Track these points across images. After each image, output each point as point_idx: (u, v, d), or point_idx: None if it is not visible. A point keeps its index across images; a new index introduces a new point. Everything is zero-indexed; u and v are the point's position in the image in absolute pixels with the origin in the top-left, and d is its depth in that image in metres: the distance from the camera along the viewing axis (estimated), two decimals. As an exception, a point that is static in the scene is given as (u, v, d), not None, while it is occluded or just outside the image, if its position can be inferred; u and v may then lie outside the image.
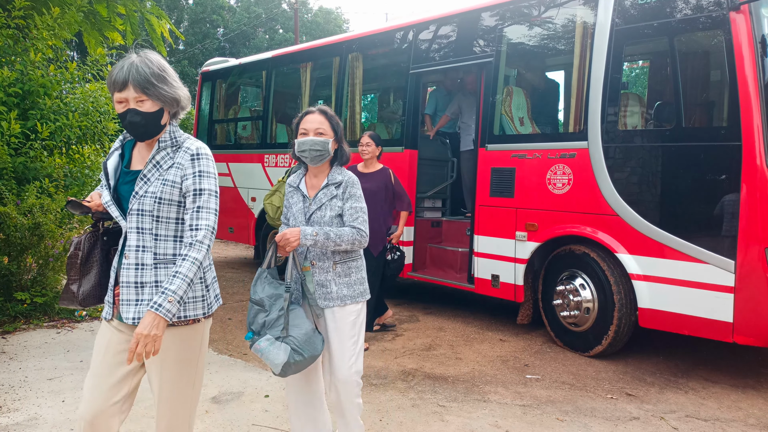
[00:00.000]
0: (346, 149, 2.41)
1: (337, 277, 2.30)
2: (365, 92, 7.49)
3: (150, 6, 8.22)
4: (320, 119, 2.32)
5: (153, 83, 1.72)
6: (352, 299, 2.32)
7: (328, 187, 2.32)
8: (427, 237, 5.70)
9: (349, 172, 2.38)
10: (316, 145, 2.27)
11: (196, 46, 29.53)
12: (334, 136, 2.34)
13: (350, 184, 2.33)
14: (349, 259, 2.34)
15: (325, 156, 2.31)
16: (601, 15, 4.04)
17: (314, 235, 2.20)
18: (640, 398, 3.41)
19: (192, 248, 1.71)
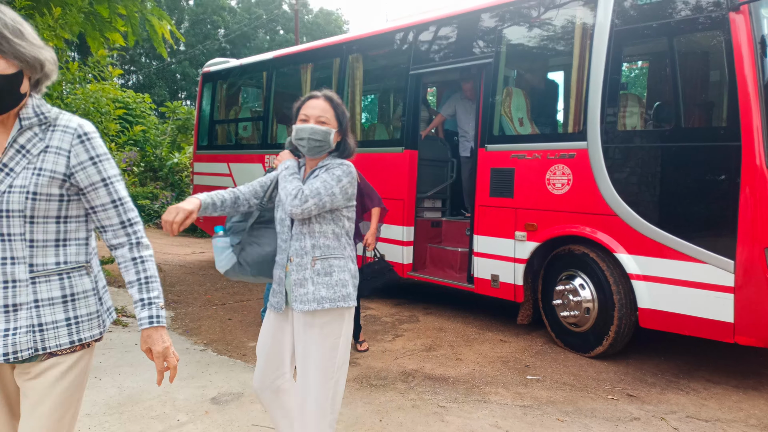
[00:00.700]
0: (351, 143, 2.15)
1: (315, 275, 2.01)
2: (365, 93, 7.49)
3: (151, 7, 8.22)
4: (324, 106, 2.07)
5: (6, 37, 1.31)
6: (332, 302, 1.99)
7: (315, 171, 2.08)
8: (427, 237, 5.71)
9: (347, 162, 2.11)
10: (316, 134, 2.02)
11: (197, 47, 29.57)
12: (338, 127, 2.08)
13: (336, 165, 2.05)
14: (330, 255, 2.04)
15: (325, 148, 2.06)
16: (600, 15, 4.04)
17: (285, 167, 2.08)
18: (641, 399, 3.41)
19: (141, 247, 1.49)
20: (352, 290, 2.07)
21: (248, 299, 5.91)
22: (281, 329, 2.12)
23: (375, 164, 5.75)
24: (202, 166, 8.03)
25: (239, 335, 4.59)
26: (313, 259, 2.02)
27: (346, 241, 2.11)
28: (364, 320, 5.14)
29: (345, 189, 2.02)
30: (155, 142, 14.72)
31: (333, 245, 2.06)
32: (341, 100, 2.14)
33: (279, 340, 2.13)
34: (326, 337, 2.01)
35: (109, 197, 1.45)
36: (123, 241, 1.48)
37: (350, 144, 2.15)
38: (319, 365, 2.00)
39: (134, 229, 1.49)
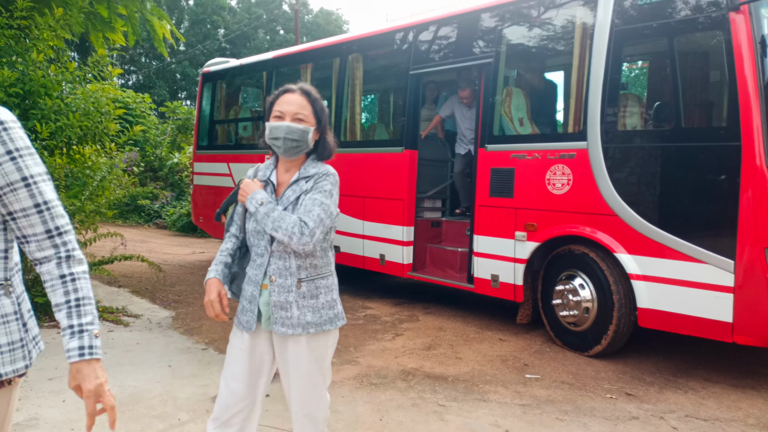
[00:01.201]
0: (331, 141, 1.96)
1: (300, 298, 1.85)
2: (365, 93, 7.49)
3: (150, 7, 8.23)
4: (301, 101, 1.87)
5: None
6: (317, 327, 1.86)
7: (298, 182, 1.88)
8: (427, 237, 5.71)
9: (329, 166, 1.94)
10: (292, 133, 1.83)
11: (196, 46, 29.57)
12: (317, 125, 1.90)
13: (322, 177, 1.87)
14: (317, 276, 1.89)
15: (303, 148, 1.88)
16: (600, 15, 4.05)
17: (259, 204, 1.82)
18: (639, 398, 3.41)
19: (72, 262, 1.24)
20: (341, 308, 1.97)
21: (248, 299, 5.91)
22: (253, 351, 1.93)
23: (375, 164, 5.76)
24: (202, 166, 8.04)
25: (239, 335, 4.59)
26: (298, 282, 1.85)
27: (332, 255, 1.98)
28: (364, 319, 5.15)
29: (336, 200, 1.89)
30: (155, 142, 14.73)
31: (320, 263, 1.90)
32: (319, 94, 1.95)
33: (253, 362, 1.93)
34: (312, 353, 1.89)
35: (31, 200, 1.19)
36: (50, 254, 1.22)
37: (329, 143, 1.96)
38: (307, 382, 1.90)
39: (64, 239, 1.23)
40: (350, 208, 5.99)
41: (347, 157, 6.11)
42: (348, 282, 6.82)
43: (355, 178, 5.95)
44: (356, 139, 6.13)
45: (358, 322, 5.05)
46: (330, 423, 2.96)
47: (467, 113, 5.81)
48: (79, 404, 3.14)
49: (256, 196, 1.85)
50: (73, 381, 1.24)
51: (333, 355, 2.01)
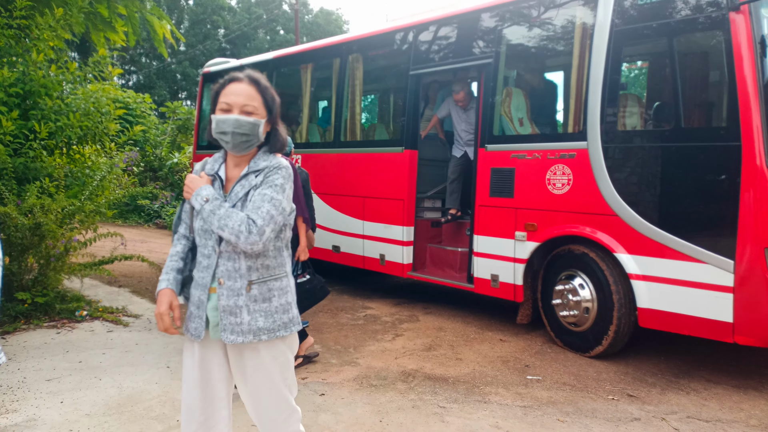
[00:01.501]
0: (282, 133, 1.83)
1: (251, 302, 1.72)
2: (365, 93, 7.49)
3: (150, 7, 8.23)
4: (250, 91, 1.73)
5: None
6: (270, 332, 1.72)
7: (248, 177, 1.76)
8: (426, 237, 5.70)
9: (281, 158, 1.80)
10: (241, 126, 1.70)
11: (197, 47, 29.58)
12: (268, 116, 1.77)
13: (273, 170, 1.74)
14: (269, 277, 1.75)
15: (254, 142, 1.75)
16: (600, 15, 4.04)
17: (204, 200, 1.70)
18: (641, 399, 3.40)
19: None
20: (296, 311, 1.83)
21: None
22: (205, 360, 1.80)
23: (375, 164, 5.76)
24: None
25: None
26: (248, 284, 1.72)
27: (286, 255, 1.84)
28: (364, 319, 5.14)
29: (289, 195, 1.76)
30: (155, 142, 14.72)
31: (273, 264, 1.77)
32: (269, 82, 1.80)
33: (205, 372, 1.80)
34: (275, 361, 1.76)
35: None
36: None
37: (281, 134, 1.83)
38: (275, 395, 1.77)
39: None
40: (350, 208, 5.98)
41: (347, 157, 6.10)
42: (348, 282, 6.81)
43: (355, 178, 5.94)
44: (356, 139, 6.12)
45: (358, 323, 5.04)
46: (330, 425, 2.96)
47: (463, 115, 5.75)
48: (78, 405, 3.13)
49: (201, 193, 1.72)
50: None
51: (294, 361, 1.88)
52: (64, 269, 5.01)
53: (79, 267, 5.11)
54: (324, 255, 6.26)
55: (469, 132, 5.64)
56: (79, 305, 5.00)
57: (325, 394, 3.36)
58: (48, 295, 4.85)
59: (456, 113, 5.81)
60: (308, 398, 3.30)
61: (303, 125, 6.76)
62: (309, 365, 3.89)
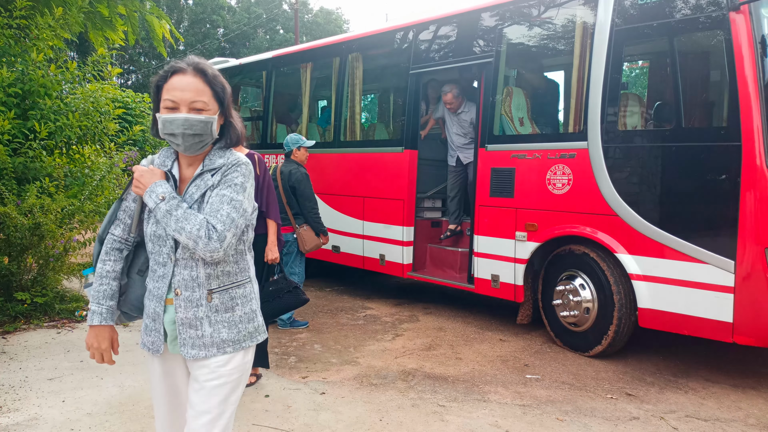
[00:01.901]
0: (238, 124, 1.64)
1: (213, 312, 1.56)
2: (365, 92, 7.49)
3: (150, 7, 8.23)
4: (197, 85, 1.53)
5: None
6: (236, 345, 1.58)
7: (203, 176, 1.58)
8: (427, 237, 5.71)
9: (239, 154, 1.63)
10: (192, 127, 1.51)
11: (196, 46, 29.56)
12: (220, 109, 1.58)
13: (232, 168, 1.57)
14: (231, 284, 1.60)
15: (207, 141, 1.56)
16: (601, 15, 4.05)
17: (160, 198, 1.51)
18: (640, 398, 3.41)
19: None
20: (261, 320, 1.68)
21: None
22: (171, 372, 1.65)
23: (375, 164, 5.76)
24: None
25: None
26: (209, 293, 1.56)
27: (249, 258, 1.69)
28: (364, 319, 5.14)
29: (250, 194, 1.60)
30: (155, 142, 14.71)
31: (234, 270, 1.60)
32: (216, 70, 1.59)
33: (174, 385, 1.67)
34: (231, 376, 1.59)
35: None
36: None
37: (237, 126, 1.63)
38: (218, 411, 1.58)
39: None
40: (350, 208, 5.99)
41: (347, 157, 6.10)
42: (348, 282, 6.82)
43: (355, 178, 5.94)
44: (356, 139, 6.12)
45: (358, 323, 5.04)
46: (330, 423, 2.96)
47: (454, 118, 5.59)
48: (79, 404, 3.13)
49: (156, 189, 1.52)
50: None
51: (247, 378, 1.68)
52: (63, 269, 5.01)
53: (79, 267, 5.11)
54: (324, 255, 6.26)
55: (460, 135, 5.52)
56: (78, 305, 5.01)
57: (326, 393, 3.37)
58: (47, 296, 4.85)
59: (447, 116, 5.67)
60: (308, 397, 3.30)
61: (303, 125, 6.76)
62: (309, 364, 3.89)
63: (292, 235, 4.78)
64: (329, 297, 6.07)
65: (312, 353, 4.14)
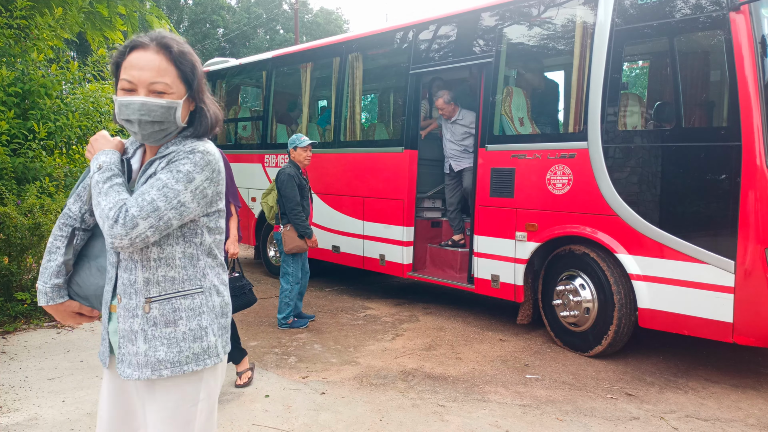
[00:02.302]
0: (211, 110, 1.44)
1: (149, 326, 1.34)
2: (365, 92, 7.49)
3: (150, 7, 8.23)
4: (159, 63, 1.32)
5: None
6: (174, 367, 1.34)
7: (152, 164, 1.37)
8: (427, 237, 5.71)
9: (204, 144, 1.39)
10: (151, 112, 1.31)
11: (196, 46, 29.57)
12: (187, 92, 1.37)
13: (184, 154, 1.34)
14: (175, 293, 1.36)
15: (170, 130, 1.36)
16: (601, 15, 4.05)
17: (97, 167, 1.33)
18: (639, 398, 3.41)
19: None
20: (216, 338, 1.41)
21: (248, 299, 5.91)
22: (123, 393, 1.45)
23: (375, 164, 5.76)
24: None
25: (240, 335, 4.59)
26: (146, 302, 1.34)
27: (207, 265, 1.41)
28: (364, 319, 5.14)
29: (202, 191, 1.35)
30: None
31: (182, 276, 1.37)
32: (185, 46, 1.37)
33: (125, 409, 1.46)
34: (176, 408, 1.36)
35: None
36: None
37: (210, 113, 1.42)
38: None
39: None
40: (350, 208, 5.99)
41: (347, 157, 6.10)
42: (348, 282, 6.82)
43: (355, 178, 5.94)
44: (356, 139, 6.12)
45: (358, 323, 5.04)
46: (330, 423, 2.96)
47: (448, 125, 5.51)
48: (79, 404, 3.13)
49: (99, 157, 1.34)
50: None
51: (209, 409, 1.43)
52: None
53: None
54: (324, 255, 6.26)
55: (452, 143, 5.46)
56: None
57: (326, 393, 3.37)
58: (48, 295, 4.84)
59: (443, 122, 5.62)
60: (308, 397, 3.30)
61: (303, 125, 6.76)
62: (309, 364, 3.89)
63: (279, 234, 4.80)
64: (329, 297, 6.07)
65: (312, 353, 4.14)
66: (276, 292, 6.11)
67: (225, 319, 1.45)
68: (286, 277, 4.81)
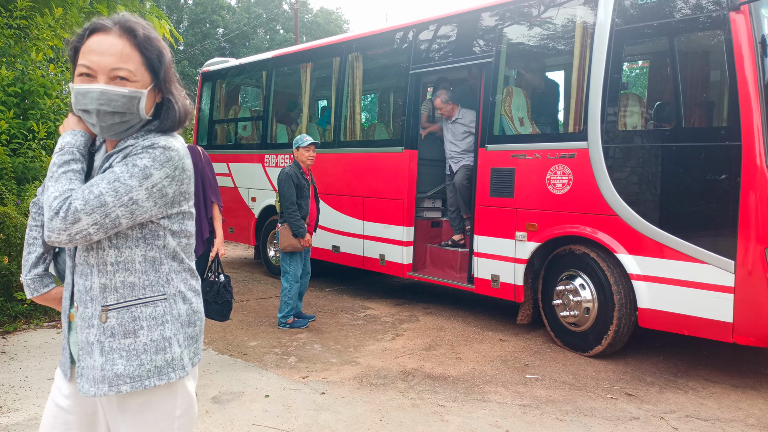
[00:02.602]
0: (180, 103, 1.30)
1: (107, 336, 1.22)
2: (365, 92, 7.49)
3: (150, 7, 8.23)
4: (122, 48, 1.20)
5: None
6: (134, 382, 1.22)
7: (110, 159, 1.24)
8: (427, 237, 5.71)
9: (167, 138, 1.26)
10: (111, 101, 1.19)
11: (196, 46, 29.57)
12: (153, 81, 1.25)
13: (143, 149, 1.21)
14: (135, 300, 1.24)
15: (133, 122, 1.24)
16: (601, 15, 4.05)
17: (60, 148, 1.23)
18: (639, 398, 3.41)
19: None
20: (181, 349, 1.28)
21: (248, 299, 5.91)
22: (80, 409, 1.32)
23: (375, 164, 5.76)
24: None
25: (239, 335, 4.59)
26: (103, 310, 1.22)
27: (171, 269, 1.29)
28: (364, 319, 5.15)
29: (161, 189, 1.22)
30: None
31: (142, 282, 1.25)
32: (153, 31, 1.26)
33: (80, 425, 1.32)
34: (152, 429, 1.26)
35: None
36: None
37: (178, 106, 1.29)
38: None
39: None
40: (350, 208, 5.99)
41: (347, 157, 6.10)
42: (348, 282, 6.82)
43: (355, 178, 5.94)
44: (356, 138, 6.12)
45: (358, 323, 5.04)
46: (330, 423, 2.96)
47: (448, 125, 5.50)
48: (79, 405, 3.13)
49: (64, 138, 1.25)
50: None
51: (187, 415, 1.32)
52: (63, 269, 5.01)
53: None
54: (324, 255, 6.27)
55: (452, 144, 5.45)
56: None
57: (326, 393, 3.37)
58: (48, 295, 4.84)
59: (443, 122, 5.60)
60: (308, 397, 3.30)
61: (303, 125, 6.76)
62: (309, 364, 3.89)
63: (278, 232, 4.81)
64: (329, 297, 6.07)
65: (312, 353, 4.14)
66: (276, 292, 6.11)
67: (193, 329, 1.32)
68: (286, 275, 4.82)
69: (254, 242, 7.24)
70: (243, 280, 6.89)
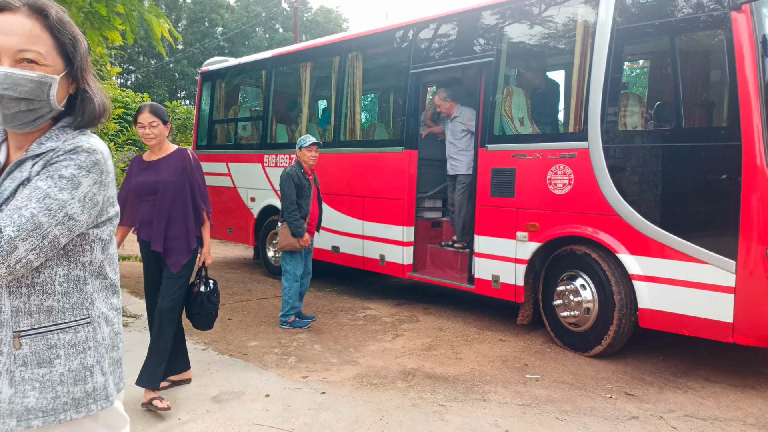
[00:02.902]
0: (96, 95, 1.19)
1: (19, 365, 1.10)
2: (365, 92, 7.49)
3: (148, 5, 8.21)
4: (31, 29, 1.09)
5: None
6: (47, 416, 1.11)
7: (24, 165, 1.12)
8: (427, 237, 5.70)
9: (88, 139, 1.15)
10: (16, 86, 1.06)
11: (195, 45, 29.55)
12: (66, 68, 1.14)
13: (64, 155, 1.10)
14: (53, 326, 1.12)
15: (42, 112, 1.12)
16: (602, 14, 4.05)
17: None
18: (639, 398, 3.41)
19: None
20: (105, 377, 1.18)
21: (248, 299, 5.91)
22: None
23: (375, 164, 5.75)
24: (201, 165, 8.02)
25: (240, 335, 4.59)
26: (15, 336, 1.09)
27: (95, 288, 1.18)
28: (364, 320, 5.14)
29: (92, 198, 1.12)
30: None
31: (62, 306, 1.13)
32: (66, 14, 1.15)
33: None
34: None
35: None
36: None
37: (95, 99, 1.18)
38: None
39: None
40: (350, 208, 5.98)
41: (347, 157, 6.10)
42: (348, 282, 6.81)
43: (355, 178, 5.94)
44: (356, 138, 6.12)
45: (358, 323, 5.04)
46: (330, 423, 2.96)
47: (448, 124, 5.45)
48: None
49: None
50: None
51: None
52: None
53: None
54: (323, 255, 6.26)
55: (451, 143, 5.40)
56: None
57: (326, 393, 3.37)
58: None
59: (444, 122, 5.54)
60: (308, 397, 3.30)
61: (302, 125, 6.76)
62: (309, 364, 3.89)
63: None
64: (329, 297, 6.07)
65: (312, 353, 4.14)
66: (276, 293, 6.11)
67: (116, 352, 1.22)
68: (286, 275, 4.82)
69: (253, 242, 7.23)
70: (242, 280, 6.88)
